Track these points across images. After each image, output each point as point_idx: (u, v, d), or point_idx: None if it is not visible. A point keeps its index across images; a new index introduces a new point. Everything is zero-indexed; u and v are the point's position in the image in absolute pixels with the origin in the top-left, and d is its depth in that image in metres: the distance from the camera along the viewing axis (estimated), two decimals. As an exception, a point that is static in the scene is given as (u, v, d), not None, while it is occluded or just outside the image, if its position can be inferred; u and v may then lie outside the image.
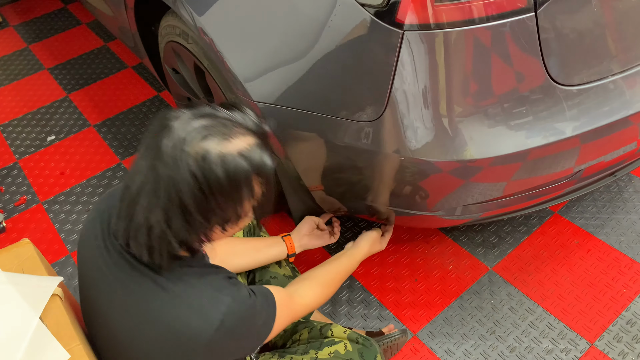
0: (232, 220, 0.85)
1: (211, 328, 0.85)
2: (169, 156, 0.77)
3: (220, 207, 0.81)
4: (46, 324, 0.93)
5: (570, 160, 1.23)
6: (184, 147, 0.77)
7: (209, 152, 0.78)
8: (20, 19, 3.22)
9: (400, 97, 1.06)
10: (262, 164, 0.82)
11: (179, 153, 0.77)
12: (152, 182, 0.79)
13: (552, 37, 1.03)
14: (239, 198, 0.82)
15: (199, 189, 0.78)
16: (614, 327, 1.47)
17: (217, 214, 0.82)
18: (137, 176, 0.81)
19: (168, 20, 1.59)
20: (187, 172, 0.77)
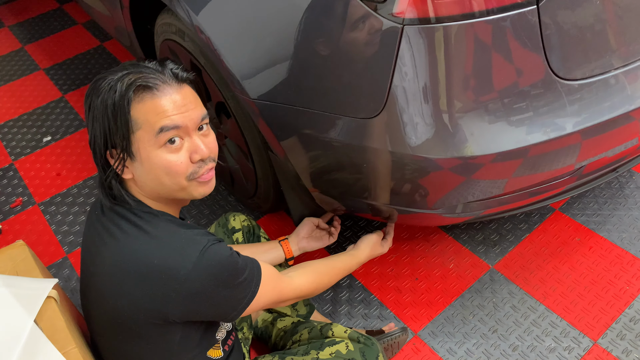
0: (116, 147, 0.90)
1: (189, 262, 0.87)
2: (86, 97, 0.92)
3: (102, 131, 0.90)
4: (41, 327, 0.91)
5: (571, 157, 1.22)
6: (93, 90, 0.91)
7: (100, 86, 0.89)
8: (15, 19, 3.19)
9: (399, 93, 1.04)
10: (122, 95, 0.87)
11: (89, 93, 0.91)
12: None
13: (554, 30, 1.01)
14: (107, 124, 0.89)
15: (90, 114, 0.91)
16: (617, 325, 1.46)
17: (101, 136, 0.90)
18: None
19: (164, 18, 1.57)
20: (87, 103, 0.91)
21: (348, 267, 1.29)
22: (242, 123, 1.46)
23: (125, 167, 0.92)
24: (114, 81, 0.88)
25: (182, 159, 0.91)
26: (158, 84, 0.89)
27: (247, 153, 1.54)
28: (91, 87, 0.90)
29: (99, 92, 0.88)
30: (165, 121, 0.88)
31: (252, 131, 1.44)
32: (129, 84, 0.87)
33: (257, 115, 1.28)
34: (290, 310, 1.41)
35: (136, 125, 0.88)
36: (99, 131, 0.89)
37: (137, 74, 0.89)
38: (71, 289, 1.71)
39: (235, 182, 1.81)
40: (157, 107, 0.88)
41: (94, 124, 0.90)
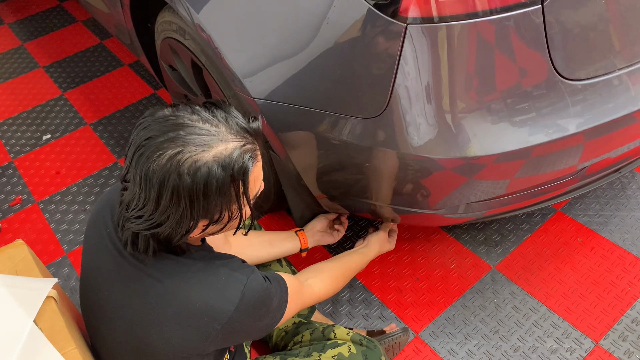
0: (214, 222, 0.85)
1: (232, 305, 0.87)
2: (147, 170, 0.78)
3: (198, 211, 0.81)
4: (40, 328, 0.90)
5: (574, 158, 1.21)
6: (162, 156, 0.78)
7: (184, 161, 0.77)
8: (15, 17, 3.18)
9: (402, 93, 1.03)
10: (240, 169, 0.81)
11: (158, 161, 0.77)
12: (137, 185, 0.80)
13: (558, 30, 1.01)
14: (216, 203, 0.81)
15: (176, 196, 0.78)
16: (619, 326, 1.45)
17: (197, 216, 0.82)
18: (129, 182, 0.82)
19: (164, 16, 1.56)
20: (164, 180, 0.77)
21: (360, 265, 1.33)
22: (243, 122, 1.45)
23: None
24: (212, 161, 0.78)
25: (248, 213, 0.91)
26: (254, 149, 0.85)
27: (248, 152, 1.53)
28: (171, 162, 0.77)
29: (196, 167, 0.77)
30: (258, 183, 0.90)
31: (253, 130, 1.43)
32: (239, 162, 0.80)
33: (258, 114, 1.27)
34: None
35: (244, 202, 0.86)
36: (199, 206, 0.80)
37: (231, 144, 0.81)
38: (70, 288, 1.70)
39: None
40: (259, 174, 0.88)
41: (191, 200, 0.79)
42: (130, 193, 0.82)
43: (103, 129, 2.30)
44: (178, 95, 1.83)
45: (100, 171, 2.10)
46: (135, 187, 0.80)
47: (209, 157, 0.78)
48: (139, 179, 0.79)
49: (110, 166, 2.12)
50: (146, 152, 0.78)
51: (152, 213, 0.80)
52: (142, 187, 0.79)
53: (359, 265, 1.33)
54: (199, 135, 0.79)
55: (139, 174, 0.79)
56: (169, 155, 0.77)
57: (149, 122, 0.81)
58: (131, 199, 0.82)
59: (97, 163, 2.14)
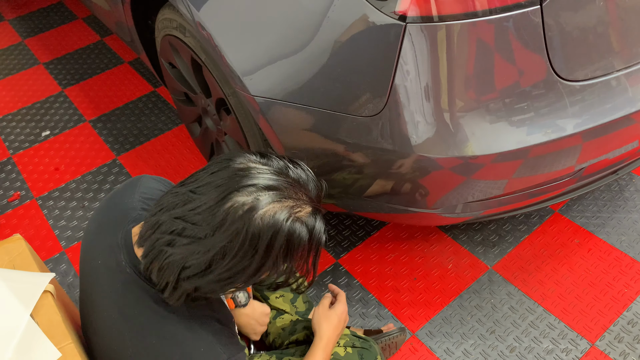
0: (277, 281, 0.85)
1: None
2: (228, 207, 0.73)
3: (263, 269, 0.78)
4: (37, 322, 0.90)
5: (571, 158, 1.21)
6: (251, 211, 0.74)
7: (276, 219, 0.74)
8: (15, 13, 3.18)
9: (401, 92, 1.04)
10: (320, 234, 0.80)
11: (243, 215, 0.73)
12: (204, 226, 0.74)
13: (556, 31, 1.01)
14: (289, 259, 0.79)
15: (252, 250, 0.75)
16: (615, 327, 1.45)
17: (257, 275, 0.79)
18: (191, 213, 0.75)
19: (165, 13, 1.56)
20: (243, 232, 0.73)
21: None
22: (242, 120, 1.45)
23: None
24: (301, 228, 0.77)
25: None
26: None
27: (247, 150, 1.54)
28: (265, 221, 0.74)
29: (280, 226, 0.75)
30: None
31: (252, 128, 1.44)
32: (320, 234, 0.80)
33: (257, 112, 1.28)
34: (289, 306, 1.40)
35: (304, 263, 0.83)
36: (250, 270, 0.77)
37: (309, 211, 0.80)
38: (68, 284, 1.70)
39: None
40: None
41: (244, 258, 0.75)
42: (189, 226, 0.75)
43: (102, 126, 2.30)
44: (178, 93, 1.83)
45: (99, 168, 2.10)
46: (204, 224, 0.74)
47: (289, 210, 0.76)
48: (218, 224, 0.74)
49: (109, 163, 2.12)
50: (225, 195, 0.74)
51: (214, 259, 0.75)
52: (218, 230, 0.73)
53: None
54: (290, 196, 0.77)
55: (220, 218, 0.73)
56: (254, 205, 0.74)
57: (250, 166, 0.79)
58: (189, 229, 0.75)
59: (96, 160, 2.14)
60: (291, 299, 1.39)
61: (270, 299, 1.39)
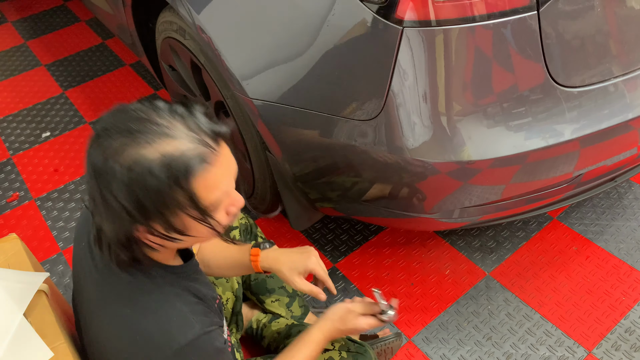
0: (163, 229, 0.77)
1: (170, 349, 0.80)
2: (95, 162, 0.73)
3: (136, 213, 0.74)
4: (30, 321, 0.90)
5: (569, 164, 1.21)
6: (107, 151, 0.72)
7: (126, 155, 0.71)
8: (18, 15, 3.20)
9: (398, 95, 1.04)
10: (185, 171, 0.72)
11: (102, 158, 0.72)
12: (89, 188, 0.76)
13: (553, 37, 1.01)
14: (157, 207, 0.73)
15: (110, 192, 0.72)
16: (612, 335, 1.45)
17: (137, 219, 0.74)
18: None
19: (165, 16, 1.57)
20: (102, 173, 0.72)
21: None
22: (240, 123, 1.45)
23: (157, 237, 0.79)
24: (155, 158, 0.71)
25: (223, 217, 0.81)
26: (209, 152, 0.75)
27: (245, 153, 1.54)
28: (113, 155, 0.72)
29: (136, 161, 0.71)
30: (221, 191, 0.77)
31: (250, 131, 1.44)
32: (183, 161, 0.72)
33: (256, 115, 1.28)
34: (285, 311, 1.40)
35: (193, 204, 0.75)
36: (129, 207, 0.73)
37: (182, 144, 0.73)
38: (65, 285, 1.70)
39: (232, 182, 1.81)
40: (213, 181, 0.76)
41: (127, 197, 0.72)
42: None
43: (102, 128, 2.30)
44: (177, 95, 1.83)
45: (98, 170, 2.10)
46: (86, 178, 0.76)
47: (154, 153, 0.71)
48: (86, 170, 0.75)
49: (108, 165, 2.12)
50: (93, 143, 0.73)
51: (94, 208, 0.75)
52: (88, 180, 0.75)
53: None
54: (149, 132, 0.72)
55: (86, 164, 0.74)
56: (113, 147, 0.71)
57: (112, 114, 0.76)
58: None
59: (95, 161, 2.14)
60: (287, 303, 1.38)
61: (265, 303, 1.39)
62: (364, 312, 1.07)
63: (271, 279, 1.38)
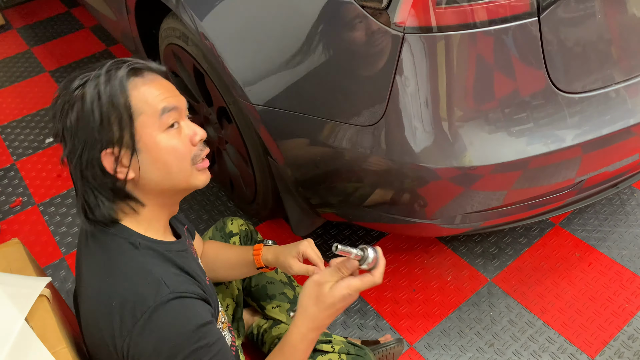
0: (113, 145, 0.84)
1: (140, 311, 0.81)
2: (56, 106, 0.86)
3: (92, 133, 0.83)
4: (32, 326, 0.90)
5: (571, 170, 1.21)
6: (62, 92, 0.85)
7: (74, 87, 0.84)
8: (23, 22, 3.22)
9: (399, 101, 1.04)
10: (115, 84, 0.83)
11: (60, 99, 0.85)
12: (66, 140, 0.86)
13: (554, 42, 1.01)
14: (108, 119, 0.83)
15: (70, 122, 0.84)
16: (615, 342, 1.44)
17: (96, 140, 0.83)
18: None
19: (168, 22, 1.58)
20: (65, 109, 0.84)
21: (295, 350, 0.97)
22: (242, 128, 1.46)
23: (129, 167, 0.85)
24: (97, 77, 0.83)
25: (185, 141, 0.88)
26: (144, 67, 0.88)
27: (247, 159, 1.54)
28: (65, 95, 0.84)
29: (81, 93, 0.83)
30: (165, 102, 0.86)
31: (253, 137, 1.44)
32: (120, 73, 0.84)
33: (258, 120, 1.28)
34: (286, 317, 1.40)
35: (137, 112, 0.84)
36: (90, 135, 0.82)
37: (116, 63, 0.86)
38: (67, 290, 1.70)
39: (234, 187, 1.81)
40: (153, 90, 0.86)
41: (81, 131, 0.83)
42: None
43: (105, 134, 2.31)
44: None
45: (101, 175, 2.11)
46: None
47: (96, 77, 0.83)
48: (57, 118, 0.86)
49: (111, 170, 2.13)
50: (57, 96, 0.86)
51: (67, 154, 0.86)
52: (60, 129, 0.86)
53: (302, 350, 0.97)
54: (94, 68, 0.86)
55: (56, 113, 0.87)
56: (69, 88, 0.84)
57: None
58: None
59: (98, 167, 2.15)
60: (288, 309, 1.38)
61: (266, 309, 1.38)
62: (339, 277, 0.91)
63: (272, 284, 1.38)
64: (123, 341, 0.81)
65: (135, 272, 0.84)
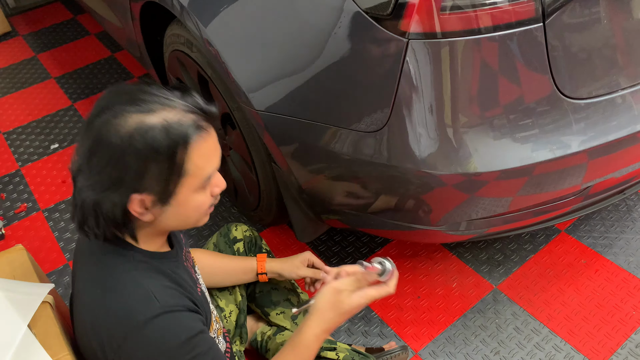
0: (153, 199, 0.80)
1: (129, 325, 0.80)
2: (95, 129, 0.76)
3: (131, 176, 0.77)
4: (34, 332, 0.90)
5: (577, 177, 1.20)
6: (108, 119, 0.76)
7: (126, 119, 0.75)
8: (29, 29, 3.24)
9: (404, 107, 1.04)
10: (184, 136, 0.77)
11: (103, 125, 0.76)
12: (84, 160, 0.78)
13: (560, 48, 1.01)
14: (151, 169, 0.77)
15: (109, 155, 0.76)
16: (622, 350, 1.42)
17: (130, 183, 0.78)
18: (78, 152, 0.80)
19: (173, 29, 1.58)
20: (108, 139, 0.75)
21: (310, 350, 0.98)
22: (246, 135, 1.46)
23: (149, 211, 0.82)
24: (156, 123, 0.76)
25: (209, 195, 0.86)
26: (204, 125, 0.81)
27: (251, 165, 1.54)
28: (113, 121, 0.75)
29: (134, 128, 0.75)
30: (213, 167, 0.84)
31: (257, 143, 1.44)
32: (184, 127, 0.77)
33: (262, 127, 1.28)
34: (290, 323, 1.39)
35: (186, 173, 0.80)
36: (129, 176, 0.77)
37: (180, 113, 0.78)
38: (70, 296, 1.70)
39: (238, 194, 1.81)
40: (208, 152, 0.82)
41: (120, 167, 0.76)
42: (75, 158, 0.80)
43: (110, 140, 2.32)
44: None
45: (106, 181, 2.11)
46: (78, 148, 0.79)
47: (154, 120, 0.75)
48: (83, 142, 0.78)
49: (115, 176, 2.13)
50: (96, 115, 0.77)
51: (88, 177, 0.78)
52: (81, 144, 0.78)
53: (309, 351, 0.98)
54: (150, 101, 0.77)
55: (84, 135, 0.77)
56: (113, 112, 0.75)
57: (111, 91, 0.80)
58: (75, 165, 0.80)
59: (102, 173, 2.15)
60: (292, 315, 1.37)
61: (270, 316, 1.38)
62: (358, 286, 0.94)
63: (276, 291, 1.38)
64: (114, 354, 0.81)
65: (127, 286, 0.84)
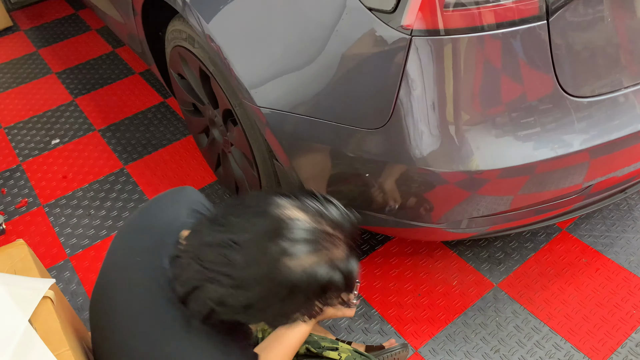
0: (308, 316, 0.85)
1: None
2: (271, 258, 0.77)
3: (301, 309, 0.82)
4: (35, 328, 0.90)
5: (579, 175, 1.20)
6: (286, 256, 0.77)
7: (313, 270, 0.78)
8: (30, 24, 3.24)
9: (406, 104, 1.03)
10: (351, 273, 0.82)
11: (283, 267, 0.77)
12: (245, 272, 0.78)
13: (563, 46, 1.01)
14: (324, 301, 0.82)
15: (290, 296, 0.79)
16: (622, 349, 1.42)
17: (294, 314, 0.83)
18: (233, 258, 0.79)
19: (175, 24, 1.58)
20: (284, 283, 0.78)
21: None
22: (248, 131, 1.46)
23: None
24: (329, 260, 0.80)
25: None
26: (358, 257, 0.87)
27: (253, 161, 1.54)
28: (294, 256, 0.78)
29: (311, 266, 0.78)
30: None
31: (258, 139, 1.44)
32: (352, 263, 0.83)
33: (264, 123, 1.28)
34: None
35: (344, 294, 0.87)
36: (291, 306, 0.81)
37: (346, 249, 0.83)
38: (71, 291, 1.70)
39: (239, 190, 1.81)
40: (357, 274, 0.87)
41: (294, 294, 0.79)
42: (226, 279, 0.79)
43: (111, 135, 2.32)
44: (186, 104, 1.84)
45: (107, 177, 2.11)
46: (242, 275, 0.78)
47: (325, 258, 0.79)
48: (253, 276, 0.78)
49: (116, 172, 2.13)
50: (273, 244, 0.78)
51: (252, 301, 0.79)
52: (259, 280, 0.78)
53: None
54: (322, 242, 0.80)
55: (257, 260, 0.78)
56: (296, 254, 0.77)
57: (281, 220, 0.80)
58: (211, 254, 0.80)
59: (103, 169, 2.15)
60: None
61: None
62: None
63: None
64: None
65: (191, 356, 0.85)
